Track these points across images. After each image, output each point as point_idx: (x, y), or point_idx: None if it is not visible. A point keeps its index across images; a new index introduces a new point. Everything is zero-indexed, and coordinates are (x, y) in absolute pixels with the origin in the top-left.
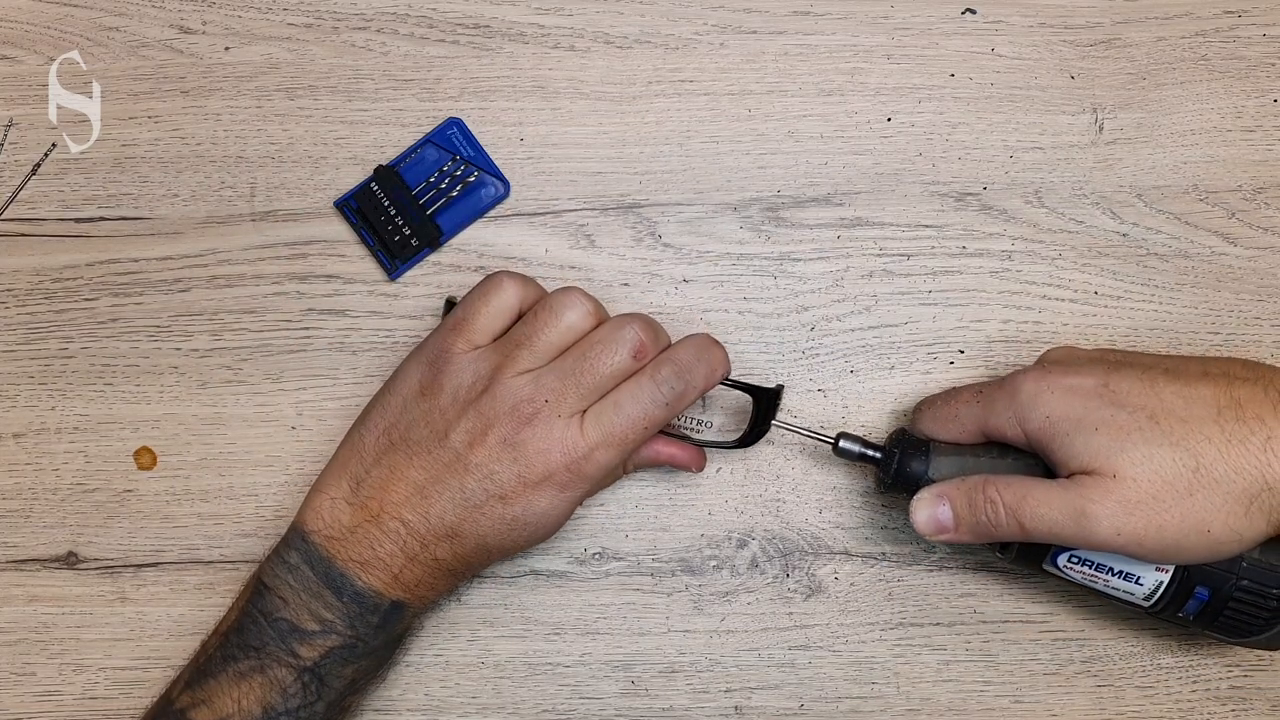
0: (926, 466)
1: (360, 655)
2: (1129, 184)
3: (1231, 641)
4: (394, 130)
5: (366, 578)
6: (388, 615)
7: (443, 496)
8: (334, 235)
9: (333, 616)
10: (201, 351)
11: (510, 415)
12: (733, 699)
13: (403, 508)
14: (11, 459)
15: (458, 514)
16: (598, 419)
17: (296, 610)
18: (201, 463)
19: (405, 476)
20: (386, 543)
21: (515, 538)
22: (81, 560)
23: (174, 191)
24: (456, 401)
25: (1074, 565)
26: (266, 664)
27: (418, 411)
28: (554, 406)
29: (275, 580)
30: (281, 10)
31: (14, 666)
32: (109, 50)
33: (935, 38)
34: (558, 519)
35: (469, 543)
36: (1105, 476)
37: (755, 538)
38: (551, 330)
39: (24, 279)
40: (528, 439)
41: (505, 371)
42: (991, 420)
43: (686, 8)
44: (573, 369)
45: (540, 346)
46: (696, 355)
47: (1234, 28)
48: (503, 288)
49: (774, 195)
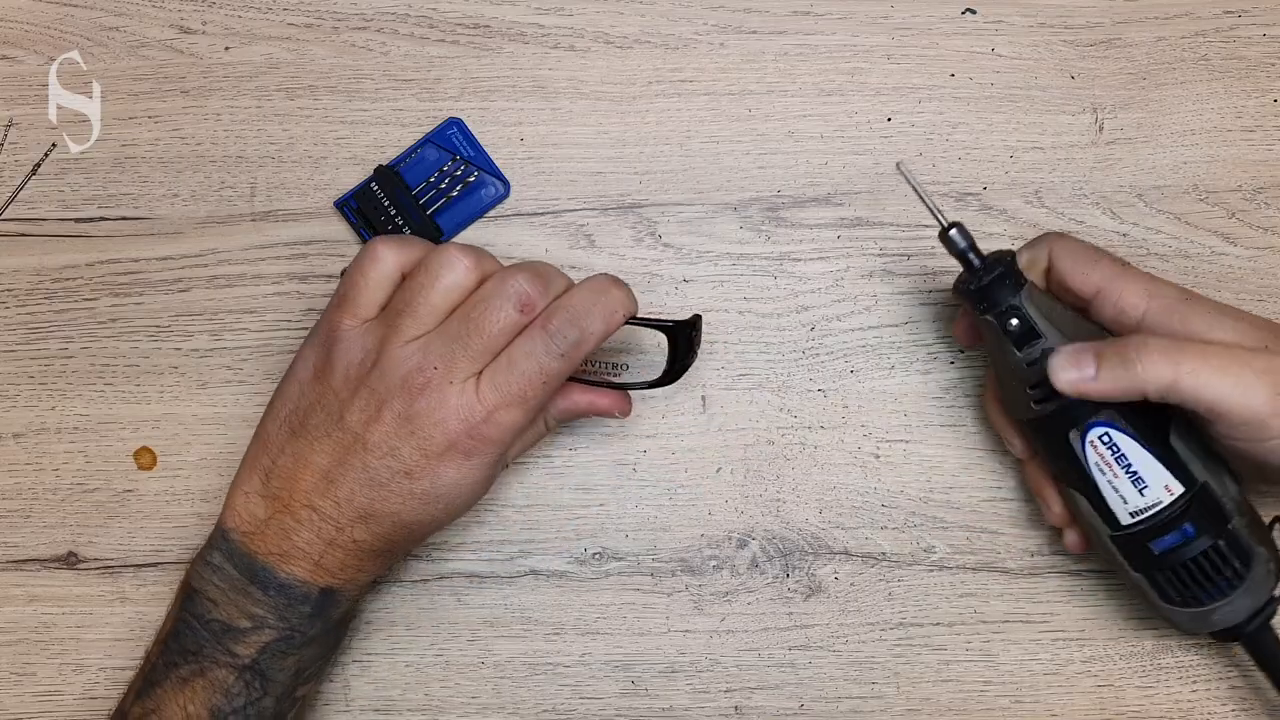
0: (1018, 297)
1: (299, 645)
2: (1129, 184)
3: (1161, 605)
4: (394, 130)
5: (289, 569)
6: (320, 603)
7: (348, 479)
8: (334, 235)
9: (263, 611)
10: (201, 351)
11: (402, 388)
12: (733, 699)
13: (312, 494)
14: (11, 459)
15: (367, 495)
16: (492, 379)
17: (227, 609)
18: (201, 463)
19: (310, 463)
20: (303, 531)
21: (432, 512)
22: (81, 560)
23: (174, 191)
24: (349, 380)
25: (1099, 445)
26: (206, 666)
27: (313, 395)
28: (445, 373)
29: (202, 582)
30: (281, 10)
31: (14, 666)
32: (109, 50)
33: (935, 38)
34: (472, 487)
35: (385, 522)
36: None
37: (755, 538)
38: (431, 293)
39: (24, 279)
40: (422, 410)
41: (391, 343)
42: (1121, 299)
43: (686, 8)
44: (459, 332)
45: (423, 312)
46: (591, 299)
47: (1234, 28)
48: (378, 256)
49: (774, 195)
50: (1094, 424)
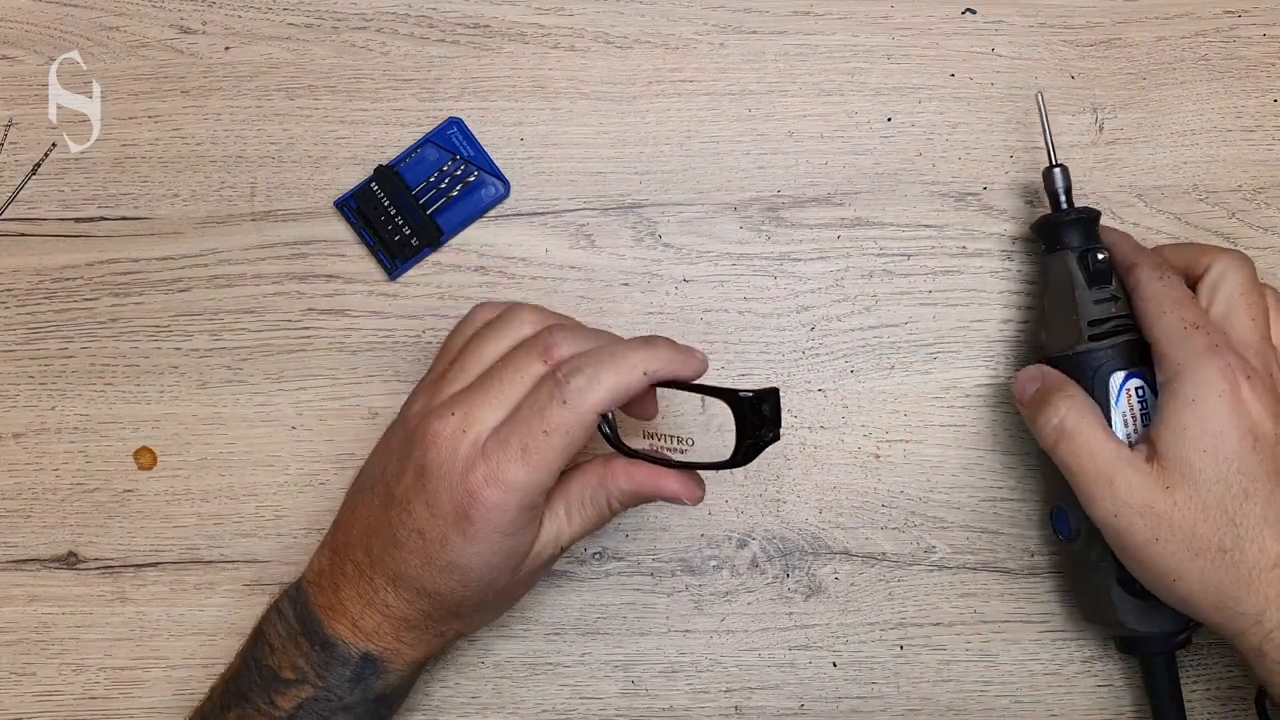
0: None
1: (334, 710)
2: (1129, 184)
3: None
4: (394, 130)
5: (332, 624)
6: (359, 669)
7: (379, 535)
8: (334, 235)
9: (306, 665)
10: (201, 351)
11: (421, 439)
12: (733, 699)
13: (355, 548)
14: (11, 459)
15: (390, 554)
16: (498, 432)
17: (279, 658)
18: (201, 463)
19: (359, 516)
20: (346, 586)
21: (450, 584)
22: (81, 560)
23: (174, 191)
24: (396, 437)
25: (1133, 395)
26: (248, 714)
27: (377, 452)
28: (460, 422)
29: (268, 626)
30: (281, 10)
31: (14, 666)
32: (109, 50)
33: (935, 38)
34: (483, 559)
35: (409, 587)
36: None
37: (755, 538)
38: (486, 344)
39: (24, 279)
40: (432, 462)
41: (435, 395)
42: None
43: (686, 8)
44: (483, 379)
45: (470, 363)
46: (612, 350)
47: (1234, 28)
48: (473, 317)
49: (774, 195)
50: (1135, 374)
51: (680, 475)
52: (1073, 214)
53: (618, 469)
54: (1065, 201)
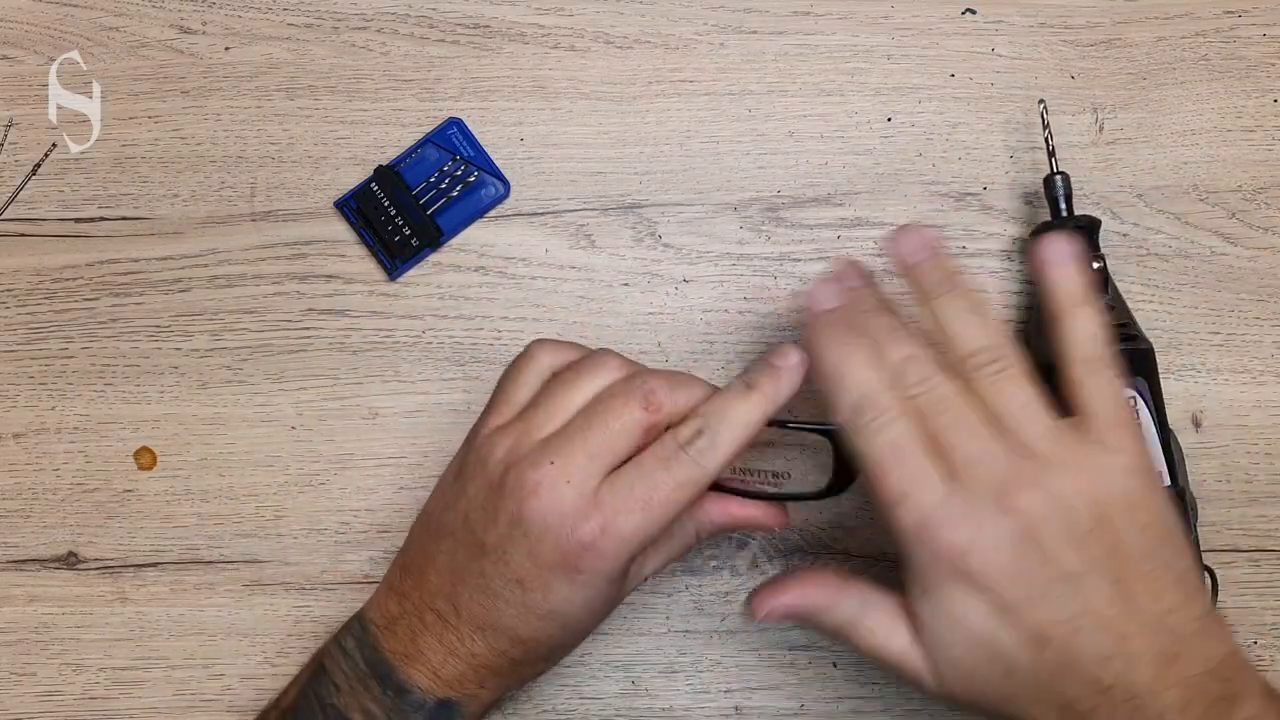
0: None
1: None
2: (1129, 184)
3: None
4: (394, 130)
5: (409, 671)
6: (434, 715)
7: (467, 585)
8: (334, 235)
9: (377, 710)
10: (201, 351)
11: (517, 487)
12: (733, 699)
13: (436, 598)
14: (11, 459)
15: (481, 604)
16: (613, 484)
17: (347, 699)
18: (201, 463)
19: (437, 564)
20: (427, 635)
21: (549, 630)
22: (81, 560)
23: (174, 191)
24: (479, 480)
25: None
26: None
27: (450, 495)
28: (560, 471)
29: (332, 664)
30: (281, 10)
31: (14, 666)
32: (109, 50)
33: (935, 38)
34: (587, 604)
35: (502, 637)
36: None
37: (755, 538)
38: (572, 391)
39: (24, 279)
40: (533, 512)
41: (521, 441)
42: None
43: (686, 8)
44: (580, 425)
45: (557, 409)
46: (724, 405)
47: (1234, 28)
48: (532, 355)
49: (774, 195)
50: (1130, 385)
51: (766, 504)
52: (1071, 221)
53: (708, 502)
54: (1065, 209)
